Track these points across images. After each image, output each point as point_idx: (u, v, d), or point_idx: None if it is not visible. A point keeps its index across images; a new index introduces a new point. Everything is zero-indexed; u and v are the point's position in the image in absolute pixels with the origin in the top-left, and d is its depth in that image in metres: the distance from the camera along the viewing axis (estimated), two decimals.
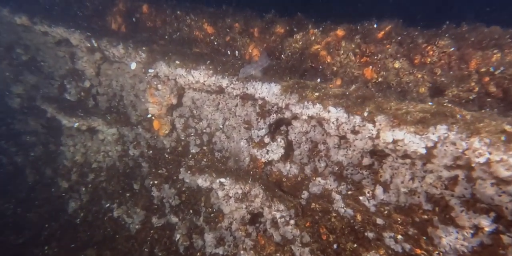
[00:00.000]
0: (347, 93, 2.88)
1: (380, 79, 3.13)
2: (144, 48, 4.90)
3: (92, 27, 6.07)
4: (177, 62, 4.50)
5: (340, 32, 3.35)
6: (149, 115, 5.34)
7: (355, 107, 2.78)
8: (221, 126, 4.86)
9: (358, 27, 3.35)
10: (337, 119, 2.94)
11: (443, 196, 2.64)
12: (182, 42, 4.84)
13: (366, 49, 3.21)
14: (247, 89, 3.85)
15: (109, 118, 6.24)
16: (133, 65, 5.23)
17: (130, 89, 5.96)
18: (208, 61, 4.20)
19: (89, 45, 5.83)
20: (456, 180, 2.50)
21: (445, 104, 2.43)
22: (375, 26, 3.33)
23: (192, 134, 5.23)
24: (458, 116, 2.27)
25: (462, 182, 2.44)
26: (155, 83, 4.93)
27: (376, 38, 3.24)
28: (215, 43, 4.60)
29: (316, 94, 3.03)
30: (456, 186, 2.49)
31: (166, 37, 5.15)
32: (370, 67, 3.17)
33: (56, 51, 7.06)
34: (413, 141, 2.42)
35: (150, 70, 4.87)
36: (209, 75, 4.18)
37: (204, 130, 5.08)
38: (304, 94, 3.11)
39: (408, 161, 2.88)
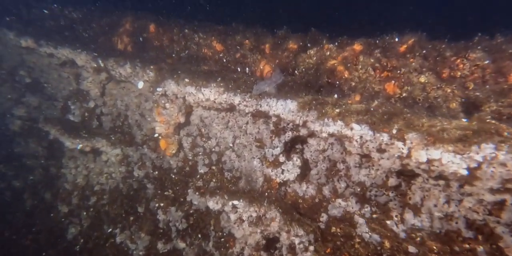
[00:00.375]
0: (372, 109, 2.71)
1: (404, 94, 2.97)
2: (152, 67, 4.81)
3: (98, 48, 6.03)
4: (186, 80, 4.38)
5: (357, 47, 3.24)
6: (156, 135, 5.15)
7: (381, 124, 2.60)
8: (231, 145, 4.66)
9: (377, 41, 3.24)
10: (361, 137, 2.75)
11: (486, 222, 2.40)
12: (190, 60, 4.76)
13: (387, 63, 3.08)
14: (260, 106, 3.69)
15: (113, 138, 6.05)
16: (141, 84, 5.12)
17: (136, 108, 5.81)
18: (219, 78, 4.08)
19: (95, 65, 5.76)
20: (502, 205, 2.26)
21: (488, 120, 2.24)
22: (396, 39, 3.22)
23: (200, 154, 5.02)
24: (506, 134, 2.07)
25: (511, 207, 2.21)
26: (163, 101, 4.79)
27: (398, 52, 3.11)
28: (225, 60, 4.51)
29: (337, 110, 2.86)
30: (502, 211, 2.25)
31: (174, 55, 5.08)
32: (392, 82, 3.03)
33: (60, 72, 7.00)
34: (452, 161, 2.21)
35: (158, 89, 4.74)
36: (220, 92, 4.04)
37: (213, 149, 4.87)
38: (323, 111, 2.94)
39: (441, 182, 2.65)
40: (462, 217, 2.54)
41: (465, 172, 2.20)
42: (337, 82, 3.28)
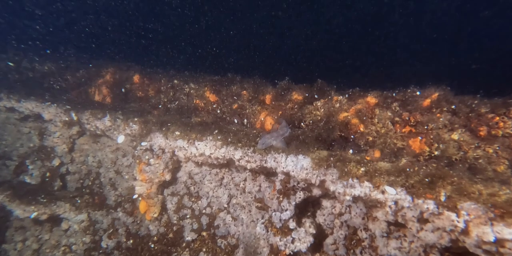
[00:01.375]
0: (407, 169, 2.42)
1: (436, 153, 2.75)
2: (136, 119, 4.38)
3: (72, 100, 5.53)
4: (177, 133, 3.98)
5: (371, 99, 3.15)
6: (135, 196, 4.45)
7: (422, 188, 2.27)
8: (225, 205, 4.10)
9: (394, 94, 3.17)
10: (395, 203, 2.40)
11: None
12: (180, 111, 4.43)
13: (410, 118, 2.96)
14: (266, 162, 3.33)
15: (79, 201, 5.15)
16: (121, 138, 4.59)
17: (111, 165, 5.13)
18: (216, 131, 3.74)
19: (66, 118, 5.19)
20: None
21: None
22: (417, 93, 3.12)
23: (187, 217, 4.34)
24: None
25: None
26: (147, 157, 4.25)
27: (421, 106, 3.00)
28: (219, 111, 4.24)
29: (362, 169, 2.56)
30: None
31: (160, 106, 4.73)
32: (419, 138, 2.85)
33: (20, 127, 6.22)
34: None
35: (142, 143, 4.25)
36: (217, 146, 3.66)
37: (204, 211, 4.24)
38: (346, 169, 2.63)
39: None
40: None
41: None
42: (352, 136, 3.08)
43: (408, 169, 2.38)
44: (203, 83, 4.40)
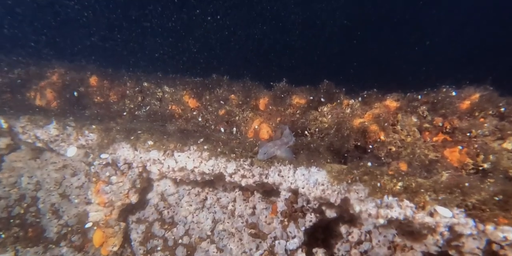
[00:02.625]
0: (464, 184, 2.01)
1: (486, 166, 2.28)
2: (94, 127, 3.50)
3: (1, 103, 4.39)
4: (150, 142, 3.22)
5: (391, 103, 2.79)
6: (88, 224, 3.47)
7: (490, 209, 1.85)
8: (208, 233, 3.35)
9: (420, 97, 2.78)
10: (450, 228, 1.95)
11: None
12: (152, 119, 3.68)
13: (445, 123, 2.52)
14: (266, 177, 2.76)
15: (3, 236, 3.93)
16: (72, 151, 3.63)
17: (54, 186, 4.05)
18: (202, 139, 3.09)
19: None
20: None
21: None
22: (453, 93, 2.67)
23: (158, 248, 3.48)
24: None
25: None
26: (107, 174, 3.36)
27: (459, 110, 2.57)
28: (200, 118, 3.60)
29: (400, 184, 2.14)
30: None
31: (125, 114, 3.92)
32: (458, 147, 2.39)
33: None
34: None
35: (102, 155, 3.37)
36: (203, 158, 3.00)
37: (180, 240, 3.43)
38: (378, 184, 2.19)
39: None
40: None
41: None
42: (370, 146, 2.66)
43: (462, 185, 1.96)
44: (181, 85, 3.74)
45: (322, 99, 3.01)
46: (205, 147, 3.04)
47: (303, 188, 2.56)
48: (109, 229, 3.45)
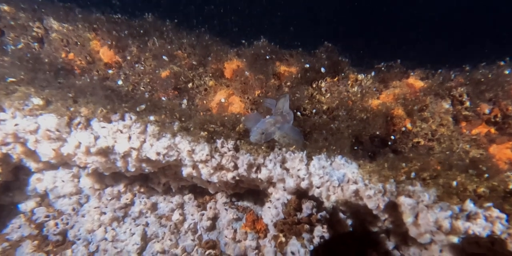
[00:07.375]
0: None
1: None
2: None
3: None
4: (36, 100, 1.72)
5: (415, 82, 2.14)
6: None
7: None
8: None
9: (454, 75, 2.12)
10: None
11: None
12: (30, 68, 2.08)
13: (492, 111, 1.95)
14: (259, 168, 1.79)
15: None
16: None
17: None
18: (143, 106, 1.84)
19: None
20: None
21: None
22: (506, 72, 2.01)
23: None
24: None
25: None
26: None
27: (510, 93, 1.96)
28: (120, 81, 2.27)
29: (485, 184, 1.51)
30: None
31: None
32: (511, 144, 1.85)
33: None
34: None
35: None
36: (150, 135, 1.76)
37: None
38: (451, 185, 1.54)
39: None
40: None
41: None
42: (392, 137, 1.97)
43: None
44: (86, 23, 2.24)
45: (323, 69, 2.18)
46: (152, 118, 1.80)
47: (319, 187, 1.73)
48: None
